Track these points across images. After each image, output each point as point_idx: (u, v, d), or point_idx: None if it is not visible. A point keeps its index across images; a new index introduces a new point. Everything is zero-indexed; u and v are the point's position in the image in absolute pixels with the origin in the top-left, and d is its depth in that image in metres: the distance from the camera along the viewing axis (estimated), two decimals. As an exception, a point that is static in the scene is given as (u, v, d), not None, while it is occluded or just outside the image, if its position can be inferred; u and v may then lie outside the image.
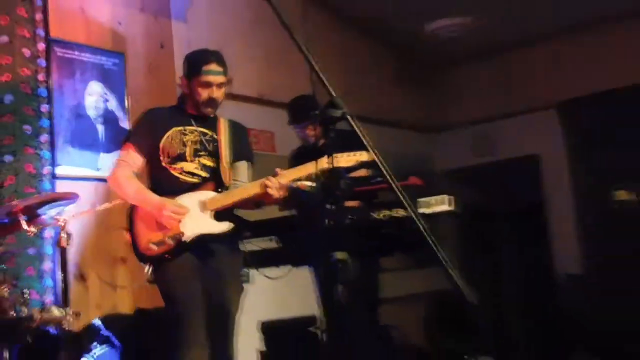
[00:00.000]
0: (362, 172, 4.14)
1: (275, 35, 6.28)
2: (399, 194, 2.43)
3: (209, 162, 3.39)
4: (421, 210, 3.85)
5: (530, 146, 8.13)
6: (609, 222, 3.64)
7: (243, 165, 3.52)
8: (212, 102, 3.42)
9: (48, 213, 3.56)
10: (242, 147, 3.56)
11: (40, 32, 5.09)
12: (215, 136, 3.45)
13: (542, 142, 8.01)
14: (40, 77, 5.05)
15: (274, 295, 4.79)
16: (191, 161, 3.37)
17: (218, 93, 3.43)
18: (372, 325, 4.43)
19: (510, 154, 8.26)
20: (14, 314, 3.48)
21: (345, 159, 3.22)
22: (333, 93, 2.32)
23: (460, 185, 8.06)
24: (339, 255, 2.29)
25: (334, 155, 2.53)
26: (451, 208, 3.85)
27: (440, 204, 3.92)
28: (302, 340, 5.35)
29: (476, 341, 4.36)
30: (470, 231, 7.76)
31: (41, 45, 5.09)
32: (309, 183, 3.82)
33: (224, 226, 3.31)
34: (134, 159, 3.44)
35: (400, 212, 3.90)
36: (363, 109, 5.98)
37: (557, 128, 7.86)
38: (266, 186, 3.22)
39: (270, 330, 5.44)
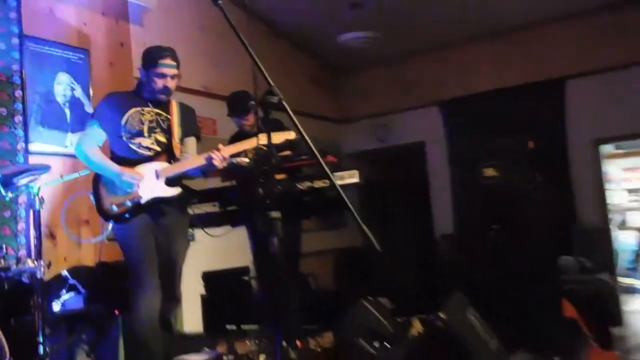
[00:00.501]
0: (287, 153, 4.13)
1: (217, 40, 6.24)
2: (325, 167, 2.45)
3: (162, 138, 3.30)
4: (338, 182, 3.83)
5: (418, 134, 8.28)
6: (477, 193, 3.69)
7: (191, 141, 3.46)
8: (166, 90, 3.32)
9: (22, 182, 3.36)
10: (191, 126, 3.48)
11: (14, 28, 4.84)
12: (168, 117, 3.35)
13: (427, 131, 8.18)
14: (15, 67, 4.81)
15: (215, 250, 4.72)
16: (148, 137, 3.29)
17: (171, 83, 3.33)
18: (294, 273, 4.42)
19: (402, 140, 8.41)
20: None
21: (277, 137, 3.27)
22: (271, 83, 2.29)
23: (363, 164, 8.16)
24: (274, 214, 2.25)
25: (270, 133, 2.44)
26: (357, 180, 3.84)
27: (350, 177, 3.91)
28: (237, 287, 5.31)
29: (374, 285, 4.39)
30: (369, 199, 7.91)
31: (15, 40, 4.84)
32: (246, 160, 3.77)
33: (175, 191, 3.27)
34: (99, 134, 3.32)
35: (318, 184, 3.88)
36: (290, 103, 5.92)
37: (439, 120, 8.05)
38: (211, 157, 3.17)
39: (211, 278, 5.40)
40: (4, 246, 4.34)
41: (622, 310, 7.06)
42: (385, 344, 3.71)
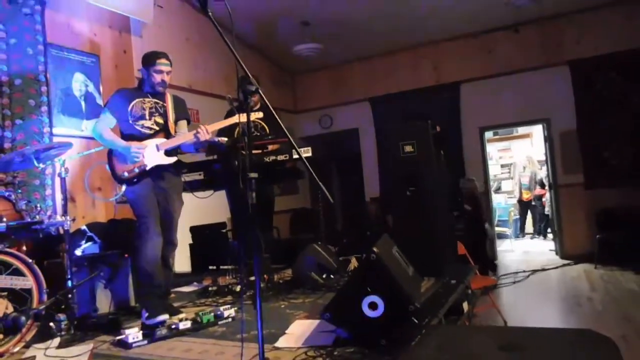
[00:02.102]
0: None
1: (198, 49, 6.12)
2: (292, 142, 2.46)
3: (160, 120, 3.23)
4: (295, 156, 3.84)
5: (353, 122, 8.30)
6: (397, 166, 3.76)
7: (183, 123, 3.40)
8: (163, 83, 3.25)
9: (49, 156, 3.24)
10: (182, 111, 3.42)
11: (40, 37, 4.62)
12: (164, 104, 3.28)
13: (360, 120, 8.20)
14: (41, 68, 4.61)
15: (201, 209, 4.66)
16: (148, 119, 3.20)
17: (167, 77, 3.26)
18: (269, 225, 4.41)
19: (341, 127, 8.42)
20: (30, 219, 3.17)
21: (254, 115, 3.38)
22: (249, 74, 2.27)
23: (311, 145, 8.17)
24: (252, 174, 2.24)
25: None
26: (311, 155, 3.86)
27: (306, 153, 3.92)
28: (216, 237, 5.29)
29: (321, 234, 4.44)
30: (316, 171, 7.97)
31: (40, 47, 4.62)
32: (225, 139, 3.72)
33: (172, 159, 3.21)
34: (110, 119, 3.22)
35: (280, 157, 3.88)
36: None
37: (369, 112, 8.09)
38: (198, 132, 3.13)
39: (197, 231, 5.34)
40: (38, 205, 4.22)
41: (496, 249, 7.43)
42: (331, 275, 3.79)
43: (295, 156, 3.88)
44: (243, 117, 3.30)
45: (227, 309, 3.03)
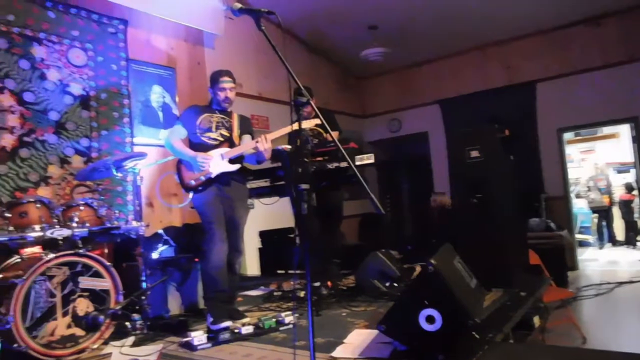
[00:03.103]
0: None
1: (267, 57, 6.23)
2: (342, 151, 2.42)
3: (225, 133, 3.33)
4: (357, 163, 3.81)
5: (423, 126, 8.09)
6: (463, 172, 3.61)
7: (247, 136, 3.46)
8: (227, 100, 3.36)
9: (129, 165, 3.43)
10: (246, 127, 3.49)
11: (122, 54, 4.93)
12: (230, 120, 3.37)
13: (429, 123, 7.98)
14: (123, 82, 4.92)
15: (268, 214, 4.76)
16: (215, 132, 3.30)
17: (231, 94, 3.36)
18: (336, 231, 4.36)
19: (410, 131, 8.24)
20: (108, 225, 3.38)
21: (306, 124, 3.33)
22: (302, 87, 2.27)
23: (380, 149, 8.11)
24: (304, 186, 2.23)
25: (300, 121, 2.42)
26: (373, 161, 3.80)
27: (368, 159, 3.86)
28: (284, 242, 5.35)
29: (386, 240, 4.35)
30: (386, 174, 7.85)
31: (123, 62, 4.93)
32: (288, 146, 3.76)
33: (236, 167, 3.27)
34: (181, 131, 3.36)
35: (343, 164, 3.86)
36: (322, 102, 5.96)
37: (439, 115, 7.86)
38: (257, 141, 3.17)
39: (266, 235, 5.43)
40: (117, 211, 4.49)
41: (577, 258, 6.91)
42: (394, 283, 3.71)
43: (358, 162, 3.84)
44: (307, 123, 3.35)
45: (289, 315, 3.05)
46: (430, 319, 2.24)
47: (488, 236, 3.38)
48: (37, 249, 3.17)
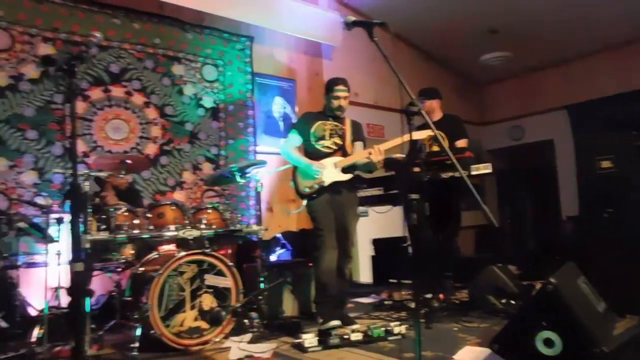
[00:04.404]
0: (435, 148, 4.03)
1: (382, 66, 6.19)
2: (454, 161, 2.35)
3: (338, 141, 3.39)
4: (473, 172, 3.66)
5: (548, 133, 7.50)
6: (592, 183, 3.29)
7: (359, 144, 3.49)
8: (340, 108, 3.41)
9: (251, 172, 3.66)
10: (359, 134, 3.52)
11: (248, 69, 5.28)
12: (343, 127, 3.43)
13: (555, 130, 7.37)
14: (248, 94, 5.26)
15: (381, 223, 4.74)
16: (328, 140, 3.38)
17: (344, 102, 3.41)
18: (453, 242, 4.20)
19: (534, 138, 7.71)
20: (232, 228, 3.62)
21: (420, 134, 3.28)
22: (413, 97, 2.25)
23: (500, 158, 7.66)
24: (414, 196, 2.20)
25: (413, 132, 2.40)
26: (490, 171, 3.62)
27: (485, 169, 3.69)
28: (397, 250, 5.28)
29: (504, 254, 4.10)
30: (505, 185, 7.39)
31: (248, 76, 5.28)
32: (401, 155, 3.73)
33: (348, 176, 3.32)
34: (296, 140, 3.48)
35: (458, 174, 3.72)
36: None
37: (566, 121, 7.24)
38: (371, 152, 3.18)
39: (378, 244, 5.42)
40: (240, 215, 4.80)
41: None
42: (511, 301, 3.49)
43: (474, 172, 3.69)
44: (419, 135, 3.30)
45: (398, 325, 3.03)
46: (548, 342, 2.08)
47: (621, 255, 3.04)
48: (171, 247, 3.52)
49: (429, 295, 3.60)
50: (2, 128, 3.85)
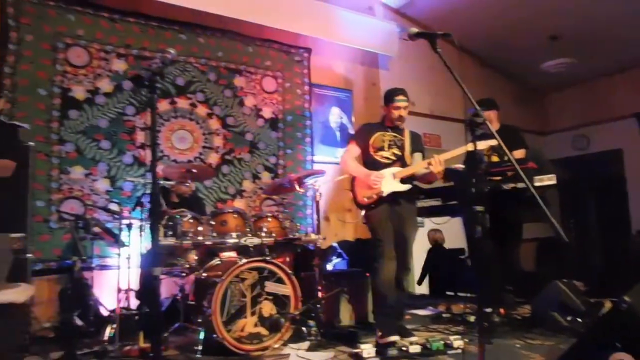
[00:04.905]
0: (495, 159, 3.94)
1: (439, 75, 6.17)
2: (520, 172, 2.29)
3: (397, 152, 3.37)
4: (536, 184, 3.55)
5: (616, 142, 7.14)
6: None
7: (418, 155, 3.45)
8: (400, 118, 3.40)
9: (309, 182, 3.72)
10: (418, 145, 3.49)
11: (306, 80, 5.38)
12: (402, 138, 3.42)
13: (624, 139, 7.00)
14: (306, 105, 5.35)
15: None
16: (387, 150, 3.37)
17: (404, 112, 3.40)
18: (515, 255, 4.06)
19: (600, 148, 7.36)
20: (291, 236, 3.68)
21: (481, 144, 3.15)
22: (477, 107, 2.23)
23: (564, 168, 7.34)
24: (479, 208, 2.17)
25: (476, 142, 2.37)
26: (554, 182, 3.50)
27: (548, 180, 3.58)
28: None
29: (570, 269, 3.93)
30: (569, 197, 7.07)
31: (306, 88, 5.37)
32: (461, 166, 3.68)
33: (406, 187, 3.29)
34: (355, 150, 3.49)
35: (520, 185, 3.62)
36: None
37: (636, 130, 6.85)
38: (430, 163, 3.16)
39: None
40: (299, 224, 4.86)
41: None
42: (577, 318, 3.34)
43: (538, 184, 3.59)
44: (481, 145, 3.24)
45: (458, 339, 2.97)
46: (622, 365, 1.98)
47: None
48: (232, 254, 3.63)
49: (489, 310, 3.51)
50: (80, 139, 4.12)
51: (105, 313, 3.56)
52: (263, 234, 3.45)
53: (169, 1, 4.30)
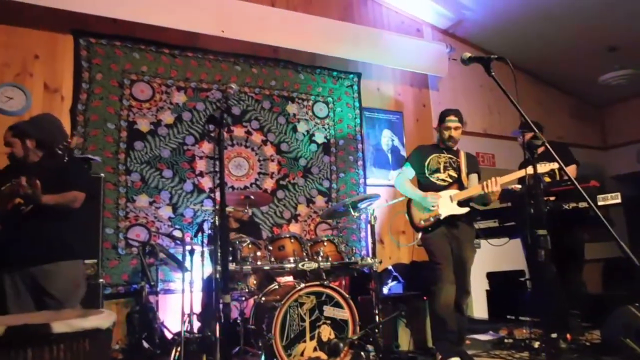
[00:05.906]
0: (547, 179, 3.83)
1: (492, 93, 6.09)
2: (582, 192, 2.21)
3: (453, 174, 3.36)
4: (600, 203, 3.43)
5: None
6: None
7: (474, 176, 3.43)
8: (451, 139, 3.41)
9: (364, 205, 3.74)
10: (474, 166, 3.48)
11: (357, 103, 5.45)
12: (457, 160, 3.41)
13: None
14: (357, 128, 5.41)
15: (496, 256, 4.56)
16: (443, 172, 3.37)
17: (455, 133, 3.40)
18: (573, 276, 3.92)
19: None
20: (347, 260, 3.70)
21: (543, 167, 3.12)
22: (535, 129, 2.21)
23: (628, 185, 6.99)
24: (540, 232, 2.14)
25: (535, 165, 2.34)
26: (619, 201, 3.37)
27: (612, 199, 3.46)
28: (514, 285, 5.02)
29: (636, 290, 3.72)
30: (633, 213, 6.71)
31: (357, 111, 5.44)
32: (519, 186, 3.61)
33: (464, 210, 3.27)
34: (409, 172, 3.51)
35: (582, 204, 3.51)
36: (553, 136, 5.55)
37: None
38: (487, 184, 3.11)
39: (493, 277, 5.20)
40: (354, 247, 4.89)
41: None
42: (653, 345, 3.15)
43: (601, 203, 3.46)
44: (540, 168, 3.17)
45: (523, 366, 2.88)
46: None
47: None
48: (290, 278, 3.69)
49: (554, 335, 3.38)
50: (145, 169, 4.35)
51: (169, 336, 3.69)
52: (320, 258, 3.49)
53: (225, 36, 4.51)
